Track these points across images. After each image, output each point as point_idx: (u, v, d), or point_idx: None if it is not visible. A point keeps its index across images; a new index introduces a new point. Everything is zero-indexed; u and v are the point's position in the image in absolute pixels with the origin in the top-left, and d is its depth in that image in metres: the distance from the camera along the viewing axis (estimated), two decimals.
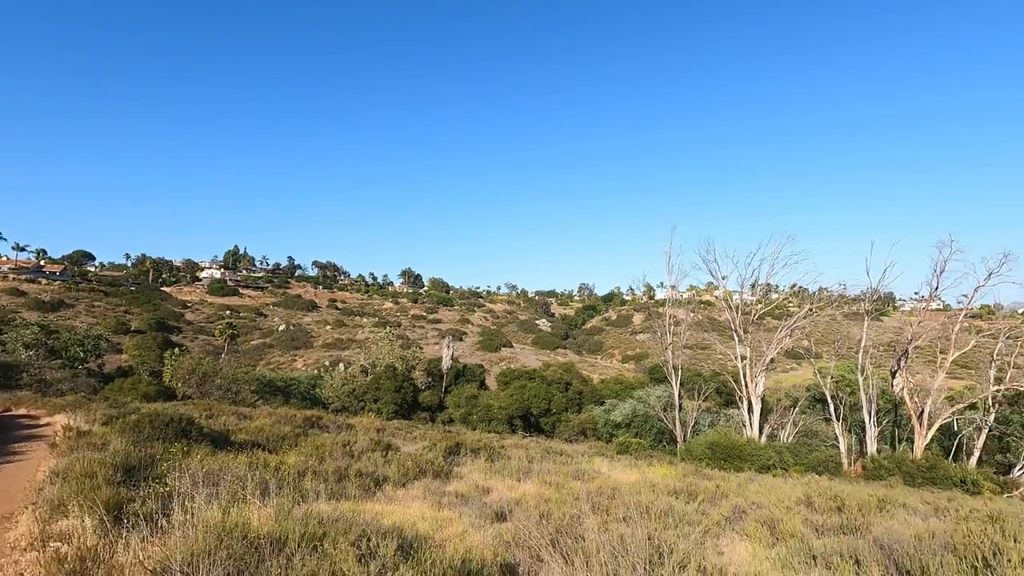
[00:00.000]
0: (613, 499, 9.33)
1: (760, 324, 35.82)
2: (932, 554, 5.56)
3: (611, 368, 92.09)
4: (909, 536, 6.76)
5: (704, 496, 10.22)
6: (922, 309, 31.99)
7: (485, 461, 13.71)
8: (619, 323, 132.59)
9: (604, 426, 33.49)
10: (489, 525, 7.27)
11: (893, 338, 33.65)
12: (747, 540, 7.32)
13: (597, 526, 6.78)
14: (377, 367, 43.83)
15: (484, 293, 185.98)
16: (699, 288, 63.08)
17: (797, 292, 40.63)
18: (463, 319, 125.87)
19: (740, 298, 32.67)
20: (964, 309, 27.21)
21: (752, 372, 27.21)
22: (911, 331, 26.94)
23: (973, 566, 5.42)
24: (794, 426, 28.49)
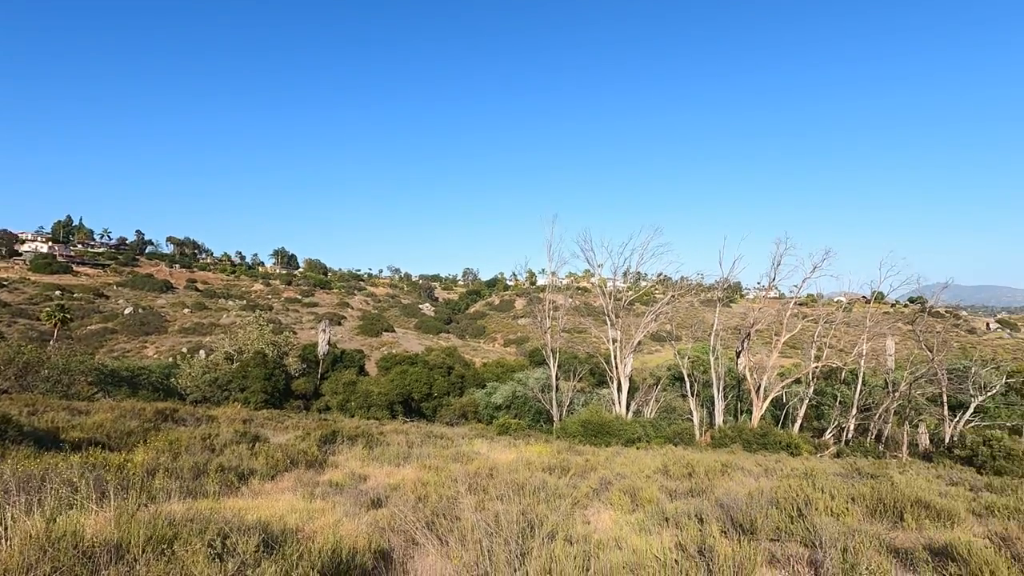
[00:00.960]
0: (491, 479, 9.58)
1: (630, 309, 38.58)
2: (760, 508, 6.43)
3: (493, 352, 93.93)
4: (743, 494, 7.75)
5: (575, 471, 10.86)
6: (762, 297, 36.54)
7: (363, 448, 13.36)
8: (502, 308, 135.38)
9: (485, 408, 34.16)
10: (364, 512, 7.11)
11: (739, 322, 38.17)
12: (611, 508, 7.91)
13: (474, 506, 6.92)
14: (245, 354, 40.60)
15: (365, 276, 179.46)
16: (577, 275, 66.29)
17: (663, 280, 44.16)
18: (342, 303, 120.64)
19: (613, 285, 34.89)
20: (794, 297, 31.53)
21: (622, 354, 29.29)
22: (753, 316, 30.70)
23: (790, 515, 6.35)
24: (656, 402, 31.24)
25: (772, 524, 6.20)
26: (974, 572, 4.75)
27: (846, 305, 38.11)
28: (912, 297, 60.10)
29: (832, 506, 7.36)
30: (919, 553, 5.42)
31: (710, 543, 4.80)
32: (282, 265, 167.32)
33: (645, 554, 4.72)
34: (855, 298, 47.20)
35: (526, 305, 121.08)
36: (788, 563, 5.16)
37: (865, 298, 35.46)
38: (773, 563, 5.25)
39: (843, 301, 41.62)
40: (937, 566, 5.12)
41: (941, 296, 32.15)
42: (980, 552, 4.95)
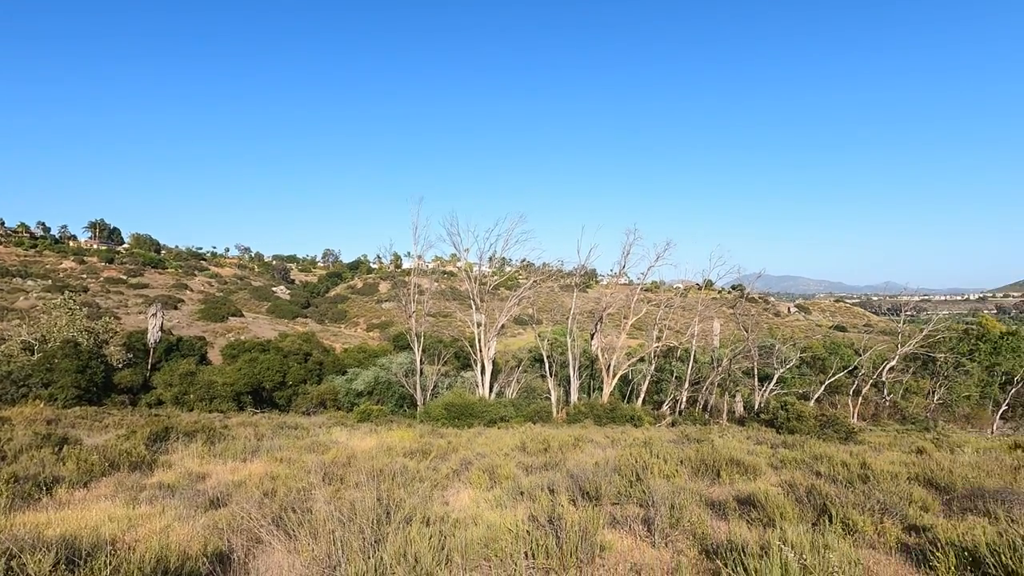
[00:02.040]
0: (348, 467, 9.25)
1: (495, 294, 39.50)
2: (605, 476, 7.00)
3: (355, 337, 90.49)
4: (591, 465, 8.39)
5: (436, 453, 10.90)
6: (614, 283, 39.59)
7: (203, 444, 12.10)
8: (365, 291, 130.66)
9: (346, 396, 32.86)
10: (201, 514, 6.46)
11: (593, 307, 41.06)
12: (471, 487, 8.07)
13: (329, 496, 6.62)
14: (50, 343, 34.42)
15: (208, 255, 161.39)
16: (444, 259, 66.14)
17: (526, 266, 45.68)
18: (179, 284, 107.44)
19: (479, 270, 35.39)
20: (641, 284, 34.61)
21: (486, 337, 29.93)
22: (605, 301, 33.18)
23: (630, 480, 7.00)
24: (518, 383, 32.50)
25: (615, 490, 6.79)
26: (769, 514, 5.64)
27: (683, 291, 42.76)
28: (734, 284, 69.38)
29: (665, 469, 8.26)
30: (730, 503, 6.31)
31: (559, 512, 5.11)
32: (101, 240, 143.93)
33: (500, 528, 4.90)
34: (690, 285, 53.18)
35: (391, 289, 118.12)
36: (626, 523, 5.68)
37: (698, 285, 40.18)
38: (614, 524, 5.75)
39: (680, 287, 46.63)
40: (743, 512, 6.00)
41: (755, 284, 37.51)
42: (774, 498, 5.90)
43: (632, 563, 4.76)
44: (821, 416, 21.15)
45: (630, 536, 5.38)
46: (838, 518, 5.41)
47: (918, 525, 5.73)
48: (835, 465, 8.56)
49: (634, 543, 5.22)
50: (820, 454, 10.13)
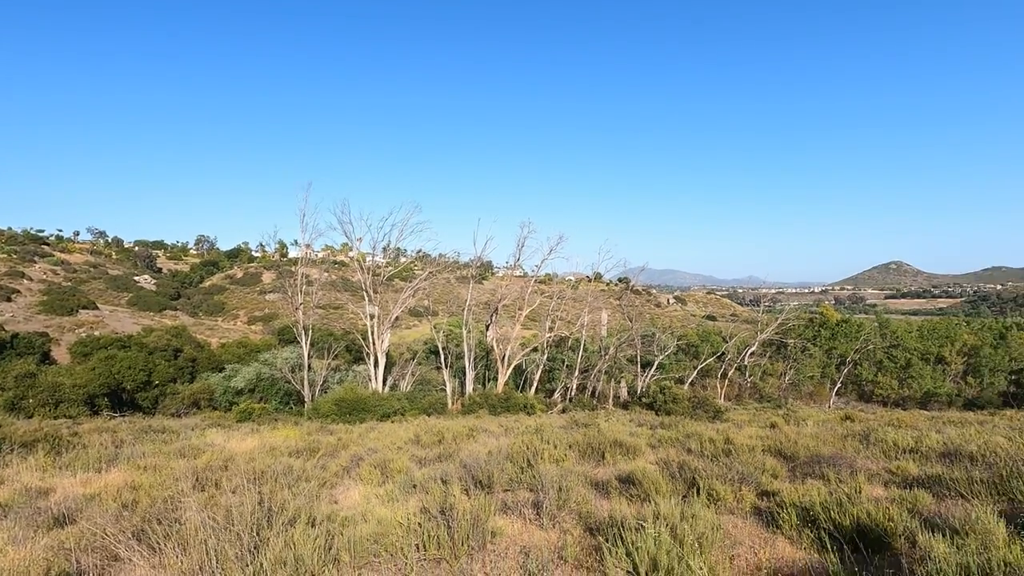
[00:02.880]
0: (226, 471, 8.59)
1: (389, 285, 38.51)
2: (497, 464, 7.14)
3: (235, 331, 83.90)
4: (484, 454, 8.52)
5: (325, 451, 10.47)
6: (509, 275, 40.35)
7: (45, 456, 10.58)
8: (246, 281, 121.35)
9: (224, 394, 30.37)
10: (43, 534, 5.66)
11: (489, 298, 41.56)
12: (362, 484, 7.86)
13: (202, 503, 6.11)
14: None
15: (52, 239, 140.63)
16: (335, 248, 63.24)
17: (422, 257, 44.98)
18: (13, 272, 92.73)
19: (373, 260, 34.31)
20: (535, 276, 35.57)
21: (380, 329, 29.14)
22: (501, 292, 33.68)
23: (521, 467, 7.21)
24: (413, 376, 32.05)
25: (507, 477, 6.96)
26: (646, 490, 6.10)
27: (574, 283, 44.63)
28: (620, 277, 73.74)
29: (555, 454, 8.61)
30: (612, 482, 6.73)
31: (451, 502, 5.15)
32: None
33: (390, 523, 4.82)
34: (581, 277, 55.59)
35: (276, 279, 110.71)
36: (517, 508, 5.86)
37: (588, 277, 42.13)
38: (506, 510, 5.89)
39: (572, 280, 48.61)
40: (623, 490, 6.43)
41: (639, 277, 40.08)
42: (651, 475, 6.39)
43: (522, 545, 4.92)
44: (693, 398, 23.19)
45: (520, 520, 5.55)
46: (704, 489, 5.99)
47: (769, 490, 6.48)
48: (704, 442, 9.44)
49: (524, 527, 5.40)
50: (692, 432, 11.12)
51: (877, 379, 40.69)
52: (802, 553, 4.70)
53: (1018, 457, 7.32)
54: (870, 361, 41.64)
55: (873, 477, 7.45)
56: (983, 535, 3.95)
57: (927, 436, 10.03)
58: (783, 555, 4.72)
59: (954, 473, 7.07)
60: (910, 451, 9.11)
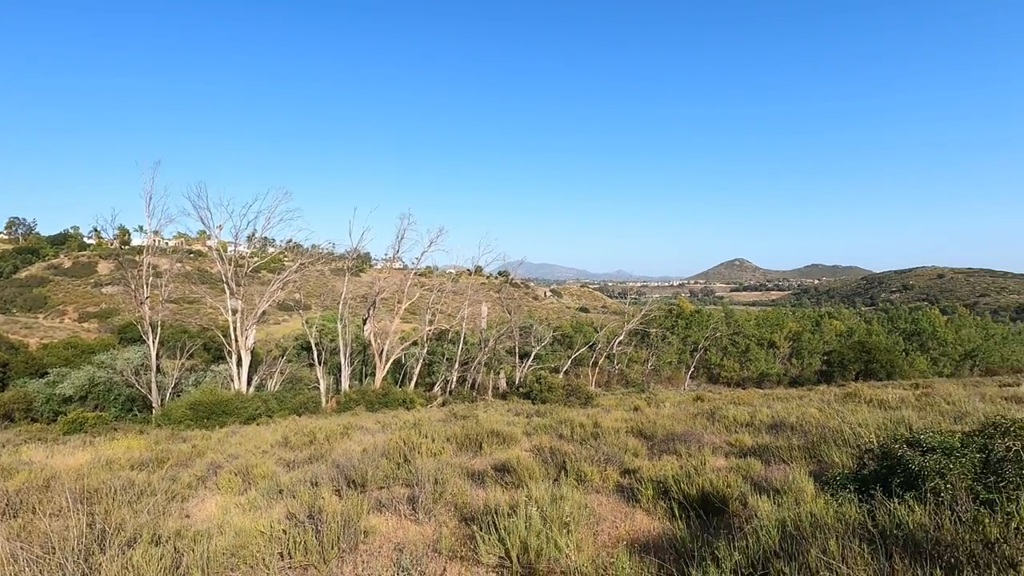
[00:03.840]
0: (47, 491, 7.40)
1: (255, 277, 35.64)
2: (372, 462, 6.95)
3: (62, 329, 72.54)
4: (359, 452, 8.24)
5: (176, 461, 9.44)
6: (388, 268, 39.30)
7: None
8: (76, 272, 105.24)
9: (46, 403, 26.08)
10: None
11: (367, 291, 40.11)
12: (220, 493, 7.21)
13: (14, 532, 5.22)
14: None
15: None
16: (190, 236, 56.99)
17: (292, 247, 42.19)
18: None
19: (235, 250, 31.48)
20: (415, 269, 35.01)
21: (244, 325, 26.86)
22: (379, 285, 32.67)
23: (397, 463, 7.09)
24: (281, 374, 30.01)
25: (382, 474, 6.79)
26: (520, 476, 6.31)
27: (454, 276, 44.65)
28: (500, 271, 75.18)
29: (432, 448, 8.57)
30: (489, 472, 6.87)
31: (320, 505, 4.91)
32: None
33: (250, 533, 4.48)
34: (462, 270, 55.81)
35: (115, 270, 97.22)
36: (392, 505, 5.74)
37: (469, 271, 42.40)
38: (380, 508, 5.75)
39: (453, 273, 48.58)
40: (499, 478, 6.59)
41: (518, 270, 41.21)
42: (524, 462, 6.62)
43: (396, 542, 4.84)
44: (567, 386, 24.41)
45: (396, 517, 5.46)
46: (573, 472, 6.34)
47: (631, 468, 7.03)
48: (575, 427, 9.98)
49: (399, 523, 5.31)
50: (564, 419, 11.69)
51: (723, 363, 45.85)
52: (656, 523, 5.16)
53: (826, 425, 8.67)
54: (717, 347, 46.80)
55: (717, 450, 8.39)
56: (797, 492, 4.63)
57: (760, 411, 11.52)
58: (640, 526, 5.15)
59: (779, 442, 8.20)
60: (746, 425, 10.40)
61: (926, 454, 4.50)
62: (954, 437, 4.77)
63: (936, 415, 9.54)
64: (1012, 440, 4.44)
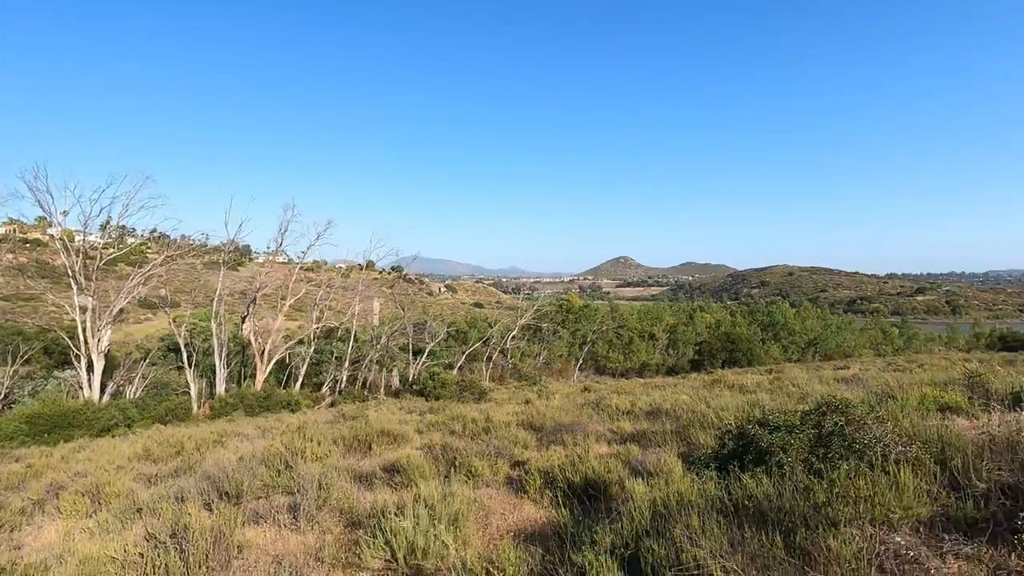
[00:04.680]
0: None
1: (111, 271, 31.64)
2: (249, 471, 6.48)
3: None
4: (234, 460, 7.64)
5: (4, 484, 8.14)
6: (271, 262, 36.77)
7: None
8: None
9: None
10: None
11: (247, 287, 37.22)
12: (62, 518, 6.34)
13: None
14: None
15: None
16: (26, 223, 49.16)
17: (158, 238, 38.14)
18: None
19: (84, 240, 27.75)
20: (300, 263, 33.10)
21: (96, 325, 23.73)
22: (260, 280, 30.47)
23: (278, 470, 6.68)
24: (144, 379, 26.98)
25: (260, 483, 6.36)
26: (410, 475, 6.23)
27: (345, 271, 42.86)
28: (393, 266, 73.40)
29: (318, 451, 8.18)
30: (378, 473, 6.70)
31: (185, 522, 4.49)
32: None
33: (99, 560, 3.98)
34: (353, 265, 53.74)
35: None
36: (271, 515, 5.40)
37: (360, 265, 40.84)
38: (257, 520, 5.38)
39: (343, 267, 46.63)
40: (388, 479, 6.46)
41: (412, 266, 40.50)
42: (415, 460, 6.54)
43: (275, 554, 4.57)
44: (462, 382, 24.48)
45: (274, 528, 5.14)
46: (464, 467, 6.37)
47: (520, 460, 7.21)
48: (467, 423, 10.04)
49: (278, 534, 5.01)
50: (457, 415, 11.72)
51: (609, 354, 48.53)
52: (543, 512, 5.35)
53: (694, 410, 9.51)
54: (604, 340, 49.43)
55: (600, 437, 8.87)
56: (667, 474, 5.04)
57: (639, 399, 12.36)
58: (528, 517, 5.31)
59: (655, 427, 8.85)
60: (627, 413, 11.11)
61: (773, 432, 5.10)
62: (795, 416, 5.45)
63: (784, 397, 10.84)
64: (838, 416, 5.17)
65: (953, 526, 3.76)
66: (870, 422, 5.02)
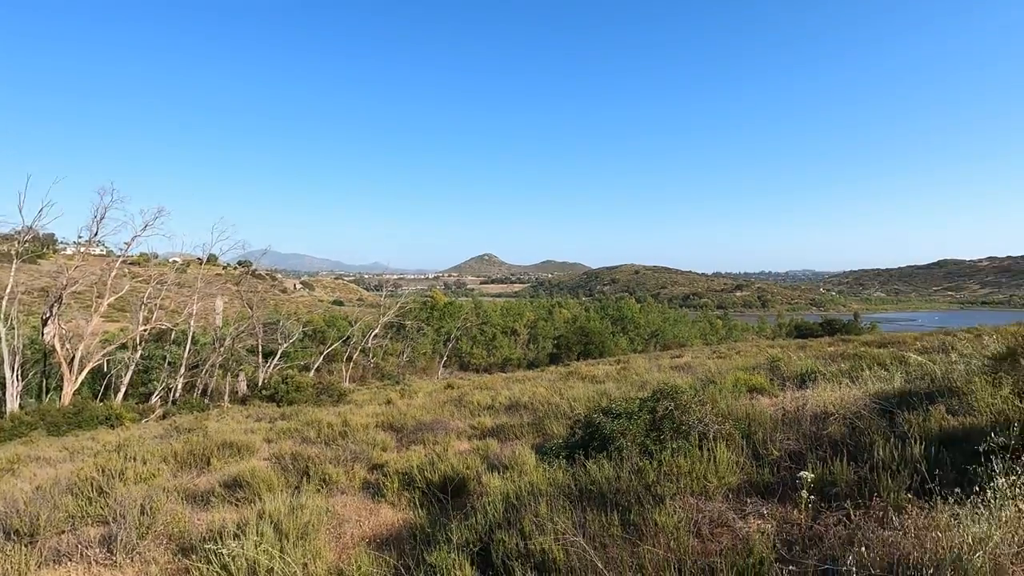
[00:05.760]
0: None
1: None
2: (48, 502, 5.50)
3: None
4: (29, 491, 6.44)
5: None
6: (84, 254, 31.46)
7: None
8: None
9: None
10: None
11: (50, 283, 31.41)
12: None
13: None
14: None
15: None
16: None
17: None
18: None
19: None
20: (123, 256, 28.80)
21: None
22: (69, 276, 25.93)
23: (89, 497, 5.76)
24: None
25: (64, 515, 5.43)
26: (255, 489, 5.75)
27: (180, 266, 38.17)
28: (240, 260, 66.96)
29: (143, 472, 7.21)
30: (216, 490, 6.08)
31: None
32: None
33: None
34: (190, 259, 48.02)
35: None
36: (78, 551, 4.65)
37: (200, 259, 36.64)
38: (59, 560, 4.60)
39: (178, 262, 41.53)
40: (229, 495, 5.90)
41: (262, 260, 37.34)
42: (261, 473, 6.05)
43: None
44: (319, 384, 23.18)
45: (82, 565, 4.43)
46: (317, 476, 6.05)
47: (379, 463, 7.03)
48: (322, 428, 9.54)
49: (87, 571, 4.33)
50: (312, 420, 11.08)
51: (472, 350, 49.26)
52: (401, 514, 5.27)
53: (550, 402, 10.04)
54: (468, 336, 50.06)
55: (461, 434, 8.98)
56: (521, 466, 5.26)
57: (500, 394, 12.73)
58: (385, 521, 5.20)
59: (513, 421, 9.19)
60: (488, 408, 11.38)
61: (615, 419, 5.57)
62: (634, 403, 6.01)
63: (628, 386, 11.90)
64: (669, 402, 5.80)
65: (755, 490, 4.42)
66: (694, 405, 5.71)
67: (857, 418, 5.42)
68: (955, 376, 6.01)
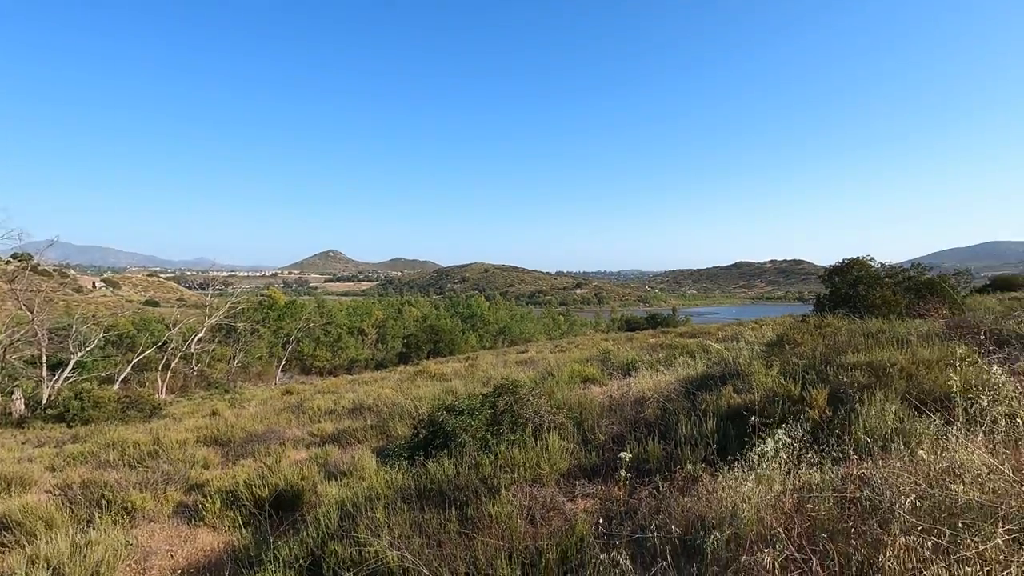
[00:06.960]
0: None
1: None
2: None
3: None
4: None
5: None
6: None
7: None
8: None
9: None
10: None
11: None
12: None
13: None
14: None
15: None
16: None
17: None
18: None
19: None
20: None
21: None
22: None
23: None
24: None
25: None
26: (29, 530, 4.77)
27: None
28: (16, 253, 55.11)
29: None
30: None
31: None
32: None
33: None
34: None
35: None
36: None
37: None
38: None
39: None
40: None
41: (47, 254, 31.06)
42: (38, 510, 5.04)
43: None
44: (125, 398, 20.00)
45: None
46: (117, 505, 5.21)
47: (198, 483, 6.29)
48: (126, 448, 8.26)
49: None
50: (113, 440, 9.52)
51: (316, 353, 46.38)
52: (223, 538, 4.77)
53: (396, 403, 9.85)
54: (310, 338, 47.00)
55: (299, 442, 8.41)
56: (361, 471, 5.08)
57: (343, 397, 12.15)
58: (204, 546, 4.66)
59: (356, 424, 8.85)
60: (330, 413, 10.81)
61: (457, 416, 5.65)
62: (477, 399, 6.15)
63: (475, 382, 12.13)
64: (509, 396, 6.03)
65: (583, 473, 4.79)
66: (532, 399, 6.01)
67: (668, 401, 6.17)
68: (741, 361, 7.14)
